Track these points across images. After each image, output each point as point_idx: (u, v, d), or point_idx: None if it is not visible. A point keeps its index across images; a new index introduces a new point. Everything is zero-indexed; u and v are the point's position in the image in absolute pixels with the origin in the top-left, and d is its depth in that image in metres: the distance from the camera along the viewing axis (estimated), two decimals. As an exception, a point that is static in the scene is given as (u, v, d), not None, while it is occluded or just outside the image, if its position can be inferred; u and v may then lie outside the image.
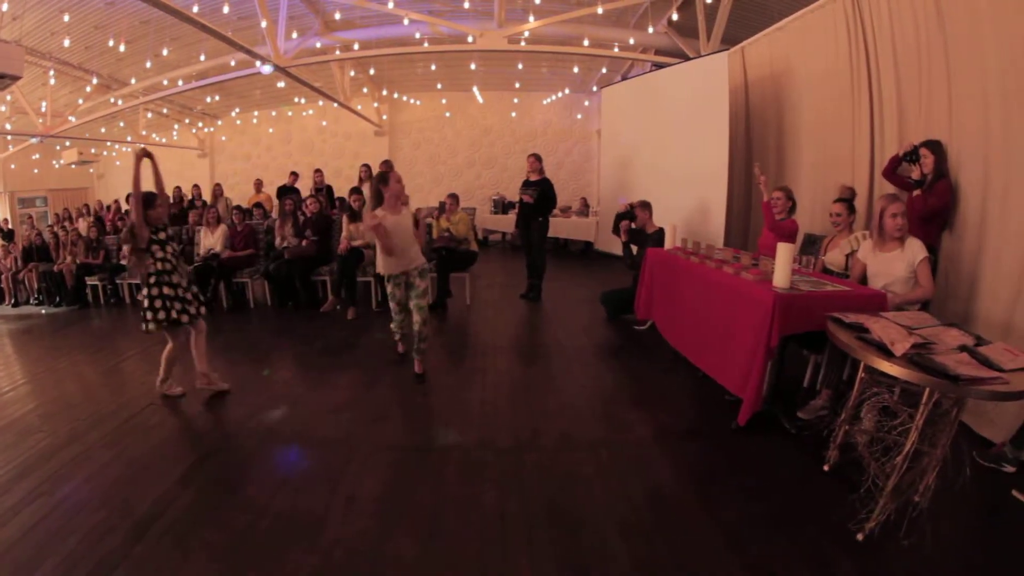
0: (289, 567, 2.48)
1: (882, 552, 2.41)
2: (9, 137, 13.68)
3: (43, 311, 8.92)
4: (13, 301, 9.82)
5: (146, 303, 4.29)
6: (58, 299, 9.21)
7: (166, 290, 4.30)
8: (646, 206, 6.34)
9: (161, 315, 4.26)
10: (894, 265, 3.62)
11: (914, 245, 3.58)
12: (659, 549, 2.52)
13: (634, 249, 6.37)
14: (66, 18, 8.29)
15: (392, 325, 4.98)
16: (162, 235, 4.37)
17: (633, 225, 6.38)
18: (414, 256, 4.58)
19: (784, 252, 3.44)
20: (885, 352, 2.47)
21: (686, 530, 2.66)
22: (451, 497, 2.97)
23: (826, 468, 3.08)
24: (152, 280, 4.29)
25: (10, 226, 12.65)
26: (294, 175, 11.10)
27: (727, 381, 3.82)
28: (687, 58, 8.73)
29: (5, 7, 7.63)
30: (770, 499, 2.87)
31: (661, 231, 5.99)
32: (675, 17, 8.69)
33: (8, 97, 10.97)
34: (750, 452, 3.37)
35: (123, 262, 8.70)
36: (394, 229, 4.40)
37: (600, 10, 8.57)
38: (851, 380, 3.04)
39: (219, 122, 16.55)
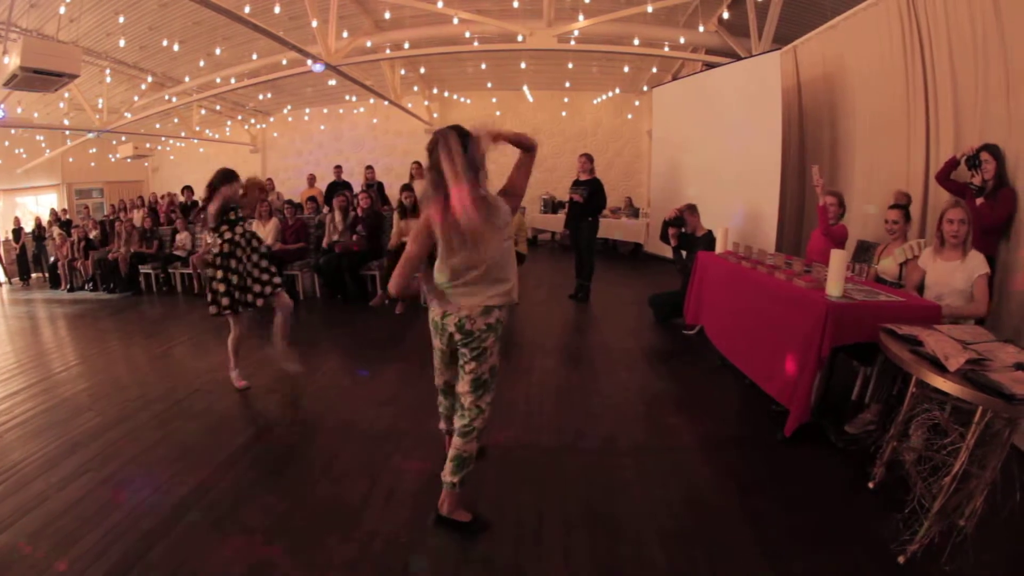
0: (325, 555, 2.55)
1: (922, 577, 2.35)
2: (67, 132, 14.34)
3: (95, 296, 9.30)
4: (69, 286, 10.29)
5: (209, 286, 4.32)
6: (112, 286, 9.63)
7: (224, 274, 4.27)
8: (694, 210, 6.28)
9: (222, 300, 4.27)
10: (953, 275, 3.50)
11: (976, 259, 3.45)
12: (697, 557, 2.52)
13: (683, 253, 6.32)
14: (121, 20, 8.65)
15: (439, 398, 3.24)
16: (232, 215, 4.31)
17: (684, 230, 6.33)
18: (501, 284, 2.59)
19: (837, 259, 3.38)
20: (938, 367, 2.41)
21: (725, 539, 2.64)
22: (490, 495, 3.00)
23: (871, 485, 3.01)
24: (218, 263, 4.28)
25: (67, 216, 13.16)
26: (338, 168, 11.24)
27: (774, 390, 3.76)
28: (738, 57, 8.58)
29: (63, 10, 7.96)
30: (812, 513, 2.83)
31: (710, 234, 5.94)
32: (726, 16, 8.56)
33: (66, 94, 11.46)
34: (794, 464, 3.32)
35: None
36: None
37: (650, 8, 8.50)
38: (901, 395, 2.97)
39: (271, 119, 16.97)
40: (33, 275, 12.42)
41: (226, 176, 4.27)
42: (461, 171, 2.27)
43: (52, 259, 11.11)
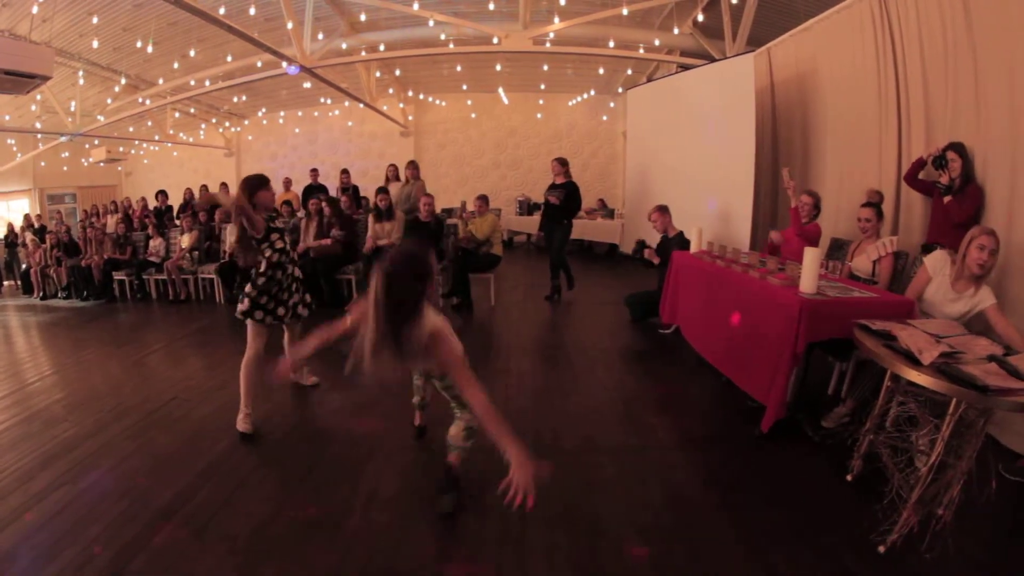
0: (308, 562, 2.52)
1: (903, 565, 2.38)
2: (39, 136, 13.97)
3: (68, 304, 9.08)
4: (41, 294, 10.08)
5: (250, 294, 3.84)
6: (85, 293, 9.45)
7: (268, 284, 3.88)
8: (664, 210, 6.30)
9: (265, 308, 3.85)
10: (955, 306, 3.31)
11: (985, 293, 3.23)
12: (678, 555, 2.52)
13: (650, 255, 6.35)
14: (95, 20, 8.48)
15: (414, 396, 3.62)
16: (279, 222, 3.92)
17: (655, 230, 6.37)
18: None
19: (811, 257, 3.41)
20: (912, 360, 2.44)
21: (706, 537, 2.65)
22: (471, 497, 2.98)
23: (849, 478, 3.05)
24: (268, 274, 3.88)
25: (41, 222, 12.90)
26: (315, 172, 11.15)
27: (751, 387, 3.79)
28: (713, 59, 8.65)
29: (35, 9, 7.81)
30: (791, 508, 2.84)
31: (681, 235, 5.98)
32: (700, 18, 8.64)
33: (38, 97, 11.21)
34: (772, 460, 3.34)
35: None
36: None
37: (625, 11, 8.54)
38: (876, 389, 3.00)
39: (246, 122, 16.78)
40: (5, 283, 12.16)
41: (261, 181, 3.87)
42: None
43: (24, 266, 10.89)
